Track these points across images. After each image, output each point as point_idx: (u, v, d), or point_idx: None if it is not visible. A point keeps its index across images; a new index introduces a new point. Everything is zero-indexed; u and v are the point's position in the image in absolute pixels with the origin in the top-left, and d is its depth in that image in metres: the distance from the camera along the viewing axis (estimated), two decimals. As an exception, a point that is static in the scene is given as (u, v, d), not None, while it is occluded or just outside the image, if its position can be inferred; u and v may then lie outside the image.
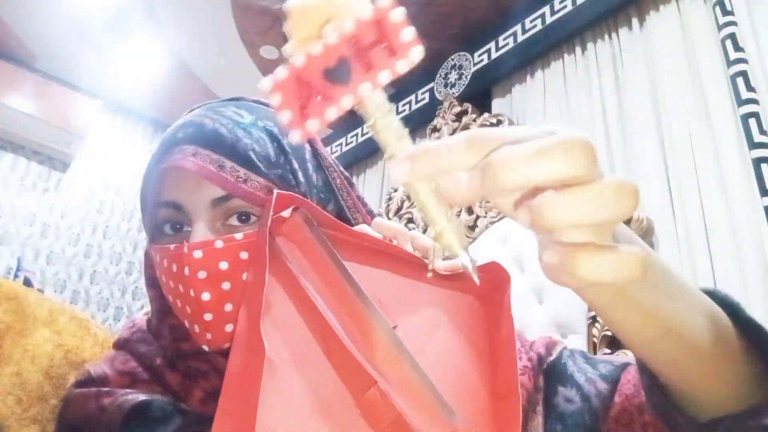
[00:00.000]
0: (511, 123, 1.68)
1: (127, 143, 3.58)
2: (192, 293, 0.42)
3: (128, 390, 0.47)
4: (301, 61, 0.25)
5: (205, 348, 0.44)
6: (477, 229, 1.58)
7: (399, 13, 0.24)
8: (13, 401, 0.49)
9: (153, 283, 0.49)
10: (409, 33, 0.25)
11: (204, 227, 0.44)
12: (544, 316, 1.28)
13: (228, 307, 0.43)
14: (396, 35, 0.24)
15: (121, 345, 0.53)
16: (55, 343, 0.54)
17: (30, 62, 3.23)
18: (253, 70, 3.04)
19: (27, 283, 2.00)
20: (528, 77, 2.00)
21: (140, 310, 3.07)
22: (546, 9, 1.93)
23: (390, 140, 0.26)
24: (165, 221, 0.46)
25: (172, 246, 0.43)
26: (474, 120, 1.80)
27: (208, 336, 0.43)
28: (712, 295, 0.34)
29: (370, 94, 0.25)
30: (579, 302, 1.23)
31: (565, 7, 1.87)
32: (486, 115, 1.79)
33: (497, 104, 2.11)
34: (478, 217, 1.60)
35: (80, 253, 3.26)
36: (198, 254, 0.42)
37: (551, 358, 0.47)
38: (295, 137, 0.25)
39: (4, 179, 3.14)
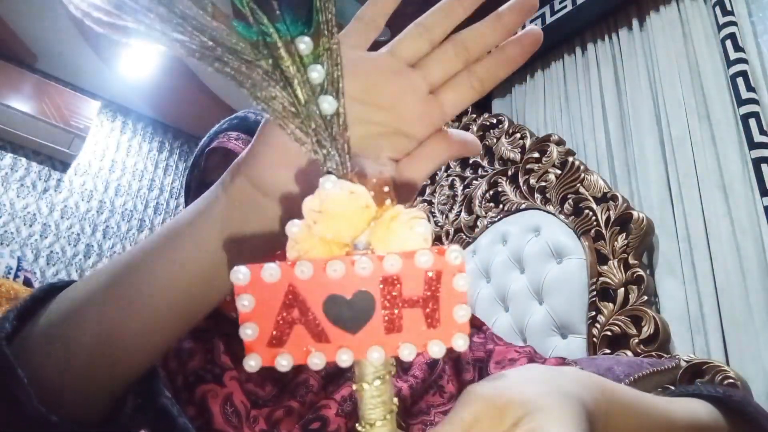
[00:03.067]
0: (511, 123, 1.68)
1: (127, 143, 3.58)
2: None
3: None
4: (306, 270, 0.18)
5: (233, 315, 0.46)
6: (477, 230, 1.58)
7: (464, 281, 0.18)
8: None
9: None
10: (464, 312, 0.18)
11: None
12: (544, 316, 1.28)
13: None
14: (448, 307, 0.18)
15: None
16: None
17: (30, 62, 3.23)
18: (253, 70, 3.04)
19: (27, 283, 2.00)
20: (528, 77, 2.00)
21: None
22: (546, 9, 1.93)
23: (373, 414, 0.19)
24: None
25: None
26: (474, 120, 1.80)
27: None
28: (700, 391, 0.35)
29: (376, 359, 0.18)
30: (579, 302, 1.23)
31: (565, 7, 1.87)
32: (486, 115, 1.79)
33: (497, 104, 2.11)
34: (478, 217, 1.60)
35: (80, 253, 3.26)
36: None
37: None
38: (250, 362, 0.19)
39: (4, 179, 3.14)
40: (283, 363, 0.18)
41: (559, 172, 1.43)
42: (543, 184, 1.45)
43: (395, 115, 0.29)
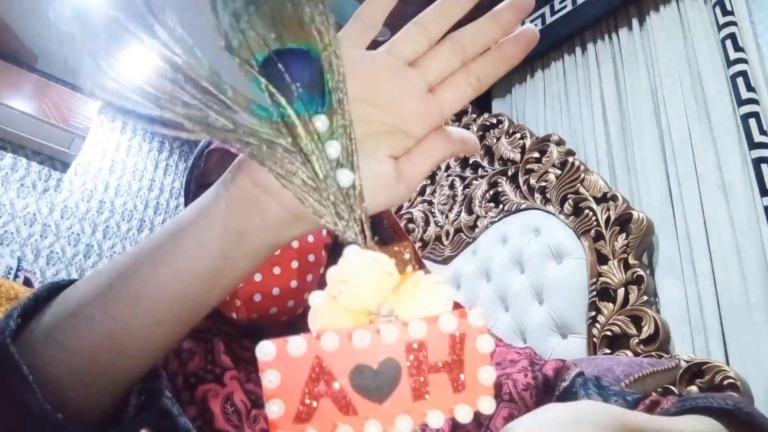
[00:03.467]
0: (511, 123, 1.68)
1: (127, 143, 3.58)
2: None
3: None
4: (332, 341, 0.18)
5: (233, 316, 0.47)
6: (477, 230, 1.58)
7: (487, 343, 0.18)
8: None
9: None
10: (488, 375, 0.18)
11: None
12: (544, 316, 1.28)
13: (275, 291, 0.46)
14: (473, 369, 0.18)
15: None
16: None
17: (30, 62, 3.24)
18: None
19: (27, 283, 2.00)
20: (528, 77, 2.00)
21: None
22: (546, 9, 1.93)
23: None
24: None
25: None
26: (474, 120, 1.80)
27: (237, 303, 0.46)
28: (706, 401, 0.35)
29: (404, 428, 0.18)
30: (579, 302, 1.23)
31: (565, 7, 1.87)
32: (486, 115, 1.79)
33: (497, 104, 2.11)
34: (478, 217, 1.60)
35: (80, 253, 3.26)
36: None
37: (564, 384, 0.48)
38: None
39: (4, 179, 3.14)
40: None
41: (559, 172, 1.43)
42: (543, 184, 1.45)
43: (394, 114, 0.29)
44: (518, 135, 1.63)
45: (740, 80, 1.31)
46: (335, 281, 0.19)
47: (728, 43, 1.36)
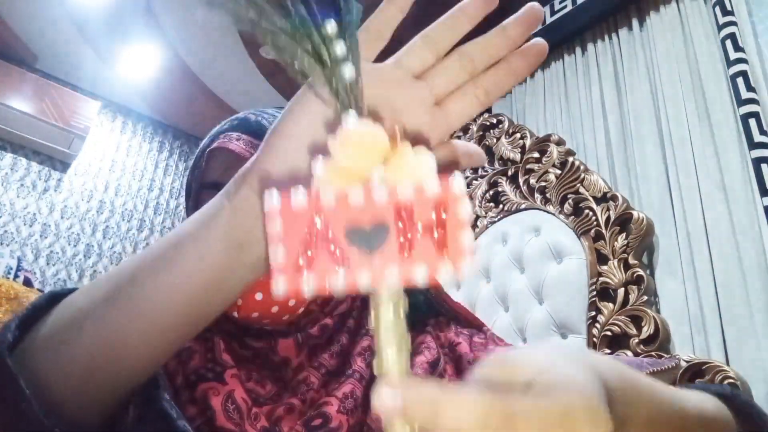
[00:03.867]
0: (511, 123, 1.68)
1: (127, 143, 3.58)
2: None
3: None
4: (329, 198, 0.20)
5: (234, 314, 0.47)
6: (477, 229, 1.58)
7: (466, 209, 0.20)
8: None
9: None
10: (469, 239, 0.20)
11: None
12: (545, 316, 1.28)
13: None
14: (454, 234, 0.20)
15: None
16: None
17: (30, 62, 3.24)
18: (253, 70, 3.04)
19: (27, 283, 2.00)
20: (528, 77, 2.00)
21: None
22: (546, 9, 1.93)
23: (389, 340, 0.20)
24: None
25: None
26: (474, 120, 1.80)
27: (239, 302, 0.46)
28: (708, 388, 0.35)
29: (392, 281, 0.20)
30: (579, 302, 1.23)
31: (565, 7, 1.87)
32: (486, 115, 1.79)
33: (497, 104, 2.11)
34: (478, 217, 1.60)
35: (80, 253, 3.26)
36: None
37: None
38: (279, 284, 0.20)
39: (4, 179, 3.14)
40: (308, 285, 0.20)
41: (559, 172, 1.43)
42: (543, 184, 1.45)
43: (401, 126, 0.30)
44: (518, 135, 1.63)
45: (740, 80, 1.31)
46: (334, 144, 0.22)
47: (728, 43, 1.36)
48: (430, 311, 0.57)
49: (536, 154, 1.52)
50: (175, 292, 0.31)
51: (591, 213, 1.30)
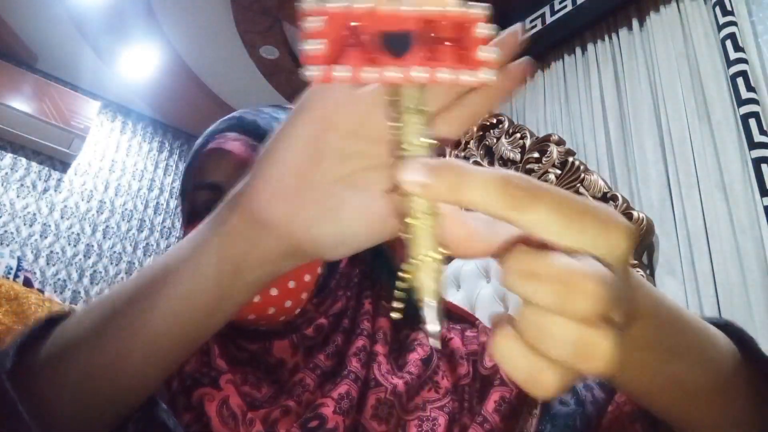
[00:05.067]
0: (511, 123, 1.68)
1: (126, 143, 3.58)
2: None
3: None
4: (366, 6, 0.22)
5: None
6: (477, 229, 1.58)
7: (487, 29, 0.22)
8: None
9: None
10: (489, 52, 0.21)
11: None
12: (544, 316, 1.28)
13: (273, 292, 0.45)
14: (474, 48, 0.21)
15: None
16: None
17: (30, 62, 3.24)
18: (253, 70, 3.04)
19: (27, 283, 2.00)
20: (528, 77, 2.01)
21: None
22: (546, 9, 1.93)
23: (413, 137, 0.23)
24: (204, 204, 0.48)
25: None
26: (474, 120, 1.80)
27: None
28: (718, 323, 0.34)
29: (417, 81, 0.22)
30: (579, 302, 1.23)
31: (565, 7, 1.87)
32: (486, 115, 1.79)
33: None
34: (478, 217, 1.60)
35: (80, 253, 3.26)
36: None
37: None
38: (308, 72, 0.21)
39: (4, 179, 3.14)
40: (341, 73, 0.21)
41: (559, 172, 1.43)
42: (543, 184, 1.45)
43: (389, 149, 0.29)
44: (518, 135, 1.63)
45: (740, 80, 1.31)
46: None
47: (728, 43, 1.36)
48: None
49: (536, 154, 1.51)
50: (172, 314, 0.32)
51: (591, 213, 1.30)
